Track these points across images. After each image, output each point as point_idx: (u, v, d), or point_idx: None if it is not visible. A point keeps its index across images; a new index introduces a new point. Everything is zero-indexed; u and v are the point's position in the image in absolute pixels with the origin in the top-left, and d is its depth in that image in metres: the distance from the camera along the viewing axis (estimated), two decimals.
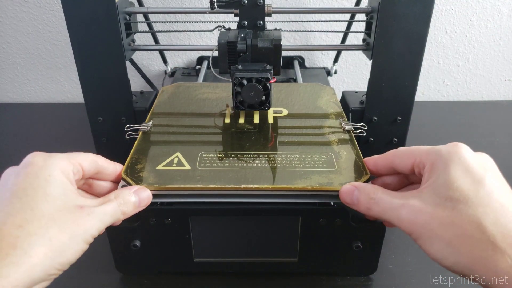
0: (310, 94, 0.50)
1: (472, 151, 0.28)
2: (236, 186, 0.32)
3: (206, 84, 0.55)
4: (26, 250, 0.23)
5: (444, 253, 0.25)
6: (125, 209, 0.29)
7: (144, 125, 0.41)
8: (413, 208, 0.26)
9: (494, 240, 0.23)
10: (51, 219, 0.24)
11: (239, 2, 0.41)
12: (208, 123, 0.43)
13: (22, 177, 0.25)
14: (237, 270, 0.37)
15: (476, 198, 0.25)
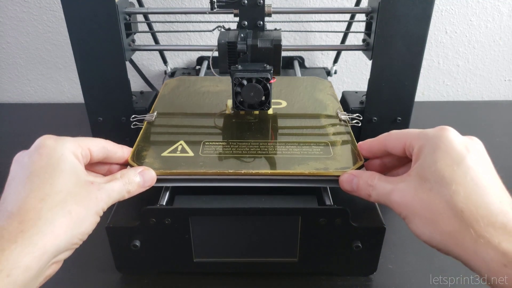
0: (308, 87, 0.51)
1: (459, 134, 0.29)
2: (237, 171, 0.34)
3: (208, 77, 0.56)
4: (50, 220, 0.25)
5: (422, 229, 0.27)
6: (130, 188, 0.31)
7: (149, 116, 0.43)
8: (401, 192, 0.28)
9: (462, 215, 0.25)
10: (68, 194, 0.26)
11: (239, 2, 0.41)
12: (210, 114, 0.44)
13: (37, 157, 0.27)
14: (237, 270, 0.37)
15: (450, 178, 0.26)
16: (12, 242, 0.23)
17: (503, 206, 0.25)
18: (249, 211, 0.34)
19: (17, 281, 0.22)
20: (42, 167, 0.27)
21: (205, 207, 0.34)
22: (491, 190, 0.26)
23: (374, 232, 0.34)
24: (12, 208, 0.25)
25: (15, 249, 0.23)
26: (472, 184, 0.26)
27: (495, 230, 0.24)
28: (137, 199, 0.37)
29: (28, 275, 0.23)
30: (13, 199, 0.25)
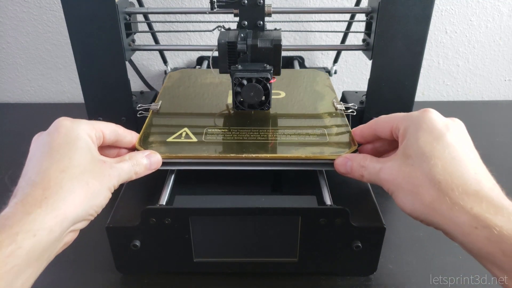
0: (306, 79, 0.54)
1: (441, 115, 0.31)
2: (238, 155, 0.36)
3: (210, 70, 0.57)
4: (71, 190, 0.27)
5: (405, 202, 0.29)
6: (137, 169, 0.33)
7: (154, 105, 0.45)
8: (388, 169, 0.31)
9: (439, 186, 0.27)
10: (85, 168, 0.29)
11: (239, 2, 0.41)
12: (212, 103, 0.47)
13: (56, 135, 0.30)
14: (237, 270, 0.37)
15: (430, 153, 0.28)
16: (37, 206, 0.25)
17: (477, 177, 0.27)
18: (249, 211, 0.34)
19: (41, 241, 0.24)
20: (61, 144, 0.29)
21: (205, 207, 0.34)
22: (467, 163, 0.28)
23: (374, 232, 0.34)
24: (36, 178, 0.27)
25: (40, 213, 0.25)
26: (450, 158, 0.28)
27: (468, 197, 0.26)
28: (137, 199, 0.37)
29: (51, 237, 0.25)
30: (36, 171, 0.27)
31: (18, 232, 0.24)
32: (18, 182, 0.28)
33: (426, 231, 0.42)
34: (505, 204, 0.25)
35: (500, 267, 0.24)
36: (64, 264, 0.38)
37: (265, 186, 0.38)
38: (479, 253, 0.25)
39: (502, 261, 0.24)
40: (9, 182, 0.27)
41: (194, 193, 0.37)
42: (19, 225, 0.24)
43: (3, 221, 0.24)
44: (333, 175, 0.39)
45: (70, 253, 0.38)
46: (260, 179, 0.39)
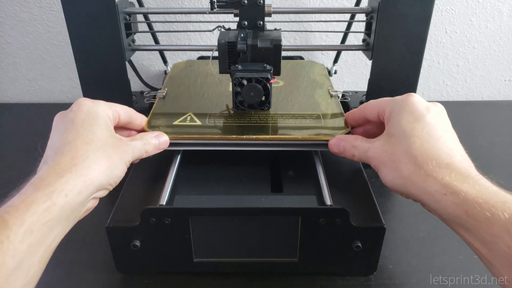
0: (303, 69, 0.57)
1: (423, 100, 0.34)
2: (239, 136, 0.39)
3: (213, 61, 0.57)
4: (95, 160, 0.30)
5: (388, 176, 0.32)
6: (147, 148, 0.36)
7: (160, 92, 0.48)
8: (375, 148, 0.34)
9: (415, 160, 0.30)
10: (106, 142, 0.32)
11: (239, 2, 0.41)
12: (214, 90, 0.49)
13: (78, 113, 0.33)
14: (237, 270, 0.37)
15: (410, 131, 0.31)
16: (68, 172, 0.28)
17: (450, 152, 0.30)
18: (249, 211, 0.34)
19: (72, 201, 0.27)
20: (84, 120, 0.32)
21: (205, 207, 0.34)
22: (443, 140, 0.31)
23: (374, 232, 0.34)
24: (63, 148, 0.30)
25: (71, 177, 0.28)
26: (428, 136, 0.31)
27: (441, 169, 0.29)
28: (137, 199, 0.37)
29: (79, 199, 0.28)
30: (63, 142, 0.30)
31: (53, 191, 0.27)
32: (45, 152, 0.31)
33: (426, 231, 0.42)
34: (472, 174, 0.29)
35: (465, 227, 0.27)
36: (64, 264, 0.38)
37: (265, 186, 0.38)
38: (448, 217, 0.28)
39: (466, 221, 0.27)
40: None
41: (194, 193, 0.37)
42: (54, 185, 0.27)
43: (39, 181, 0.27)
44: (333, 175, 0.39)
45: (70, 253, 0.38)
46: (260, 178, 0.39)
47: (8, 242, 0.23)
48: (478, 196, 0.27)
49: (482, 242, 0.26)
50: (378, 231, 0.34)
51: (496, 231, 0.25)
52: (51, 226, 0.26)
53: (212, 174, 0.40)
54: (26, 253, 0.24)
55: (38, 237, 0.25)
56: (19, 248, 0.24)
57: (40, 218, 0.25)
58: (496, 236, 0.25)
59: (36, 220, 0.25)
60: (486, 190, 0.27)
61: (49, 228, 0.26)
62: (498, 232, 0.25)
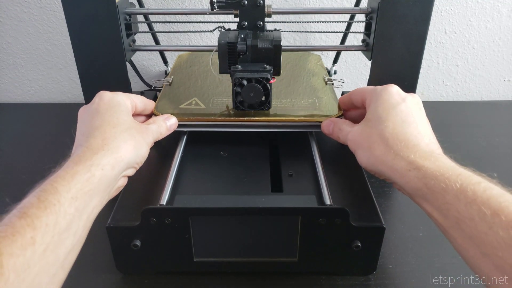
0: (300, 59, 0.60)
1: (401, 90, 0.37)
2: (240, 118, 0.42)
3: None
4: (123, 140, 0.33)
5: (363, 157, 0.35)
6: (161, 130, 0.40)
7: (167, 79, 0.51)
8: (353, 132, 0.37)
9: (387, 142, 0.33)
10: (130, 125, 0.35)
11: (239, 3, 0.41)
12: (217, 78, 0.52)
13: (101, 103, 0.36)
14: (237, 270, 0.37)
15: (385, 117, 0.35)
16: (100, 149, 0.32)
17: (419, 136, 0.33)
18: (249, 211, 0.34)
19: (107, 175, 0.31)
20: (107, 108, 0.35)
21: (205, 207, 0.34)
22: (414, 126, 0.34)
23: (374, 232, 0.34)
24: (94, 132, 0.33)
25: (104, 154, 0.31)
26: (400, 121, 0.34)
27: (408, 149, 0.32)
28: (137, 199, 0.37)
29: (113, 173, 0.32)
30: (91, 128, 0.34)
31: (91, 164, 0.30)
32: (76, 139, 0.34)
33: (426, 231, 0.42)
34: (435, 153, 0.32)
35: (425, 199, 0.30)
36: None
37: (265, 186, 0.38)
38: (411, 190, 0.31)
39: (426, 192, 0.30)
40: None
41: (194, 193, 0.38)
42: (91, 160, 0.30)
43: (78, 158, 0.30)
44: (333, 174, 0.39)
45: None
46: (260, 178, 0.39)
47: (60, 205, 0.27)
48: (436, 170, 0.30)
49: (439, 211, 0.29)
50: (378, 231, 0.34)
51: (449, 199, 0.28)
52: (91, 195, 0.29)
53: (212, 173, 0.40)
54: (74, 216, 0.27)
55: (82, 203, 0.28)
56: (68, 211, 0.27)
57: (82, 187, 0.29)
58: (449, 203, 0.28)
59: (80, 188, 0.28)
60: (444, 166, 0.30)
61: (90, 196, 0.29)
62: (450, 200, 0.28)
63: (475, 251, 0.27)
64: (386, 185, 0.48)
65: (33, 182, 0.28)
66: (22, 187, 0.28)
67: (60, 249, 0.26)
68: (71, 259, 0.28)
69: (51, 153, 0.39)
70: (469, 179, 0.28)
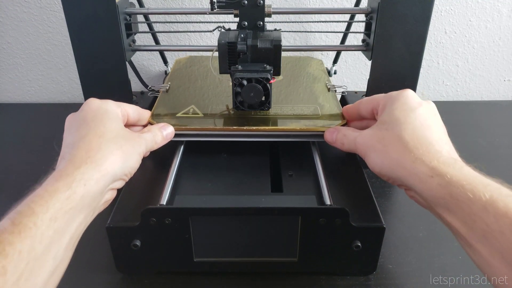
0: (302, 64, 0.58)
1: (417, 95, 0.36)
2: (240, 127, 0.40)
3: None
4: (109, 150, 0.31)
5: (376, 160, 0.33)
6: (157, 139, 0.38)
7: (164, 86, 0.50)
8: (364, 135, 0.35)
9: (406, 145, 0.31)
10: (118, 134, 0.33)
11: (239, 3, 0.41)
12: (216, 84, 0.50)
13: (88, 111, 0.34)
14: (237, 270, 0.37)
15: (403, 119, 0.33)
16: (83, 163, 0.29)
17: (440, 142, 0.32)
18: (249, 211, 0.34)
19: (90, 190, 0.29)
20: (94, 116, 0.33)
21: (205, 207, 0.34)
22: (433, 130, 0.33)
23: (374, 232, 0.34)
24: (78, 143, 0.31)
25: (87, 167, 0.29)
26: (420, 125, 0.33)
27: (429, 154, 0.30)
28: (137, 199, 0.37)
29: (97, 188, 0.29)
30: (76, 138, 0.32)
31: (72, 180, 0.28)
32: (61, 150, 0.32)
33: (426, 231, 0.42)
34: (457, 161, 0.30)
35: (447, 208, 0.28)
36: None
37: (265, 186, 0.38)
38: (431, 198, 0.30)
39: (450, 202, 0.28)
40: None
41: (194, 193, 0.38)
42: (73, 175, 0.28)
43: (59, 173, 0.29)
44: (333, 175, 0.39)
45: None
46: (260, 178, 0.39)
47: (36, 228, 0.25)
48: (462, 179, 0.28)
49: (462, 222, 0.28)
50: (378, 231, 0.34)
51: (476, 211, 0.26)
52: (73, 214, 0.27)
53: (212, 174, 0.40)
54: (53, 239, 0.25)
55: (62, 224, 0.26)
56: (46, 233, 0.25)
57: (63, 206, 0.27)
58: (476, 215, 0.26)
59: (60, 208, 0.26)
60: (469, 174, 0.29)
61: (72, 215, 0.27)
62: (478, 211, 0.26)
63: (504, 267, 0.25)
64: (387, 185, 0.48)
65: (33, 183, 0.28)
66: (22, 187, 0.28)
67: (37, 276, 0.24)
68: (53, 283, 0.26)
69: (51, 153, 0.39)
70: (499, 191, 0.27)
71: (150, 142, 0.37)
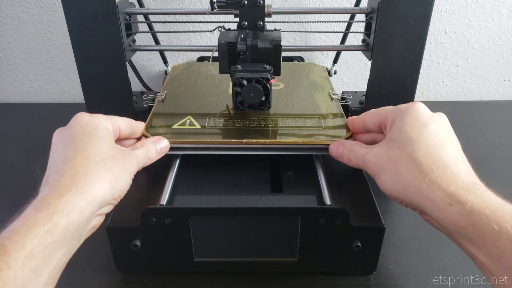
0: (304, 71, 0.56)
1: (427, 108, 0.33)
2: (239, 140, 0.38)
3: (213, 63, 0.57)
4: (96, 174, 0.29)
5: (387, 182, 0.31)
6: (150, 155, 0.36)
7: (160, 94, 0.48)
8: (374, 153, 0.33)
9: (420, 167, 0.29)
10: (107, 155, 0.31)
11: (239, 3, 0.41)
12: (214, 93, 0.49)
13: (76, 128, 0.32)
14: (237, 270, 0.37)
15: (416, 137, 0.31)
16: (68, 190, 0.27)
17: (456, 162, 0.30)
18: (249, 211, 0.34)
19: (74, 220, 0.26)
20: (83, 134, 0.31)
21: (205, 207, 0.34)
22: (448, 149, 0.30)
23: (374, 232, 0.34)
24: (63, 166, 0.29)
25: (72, 195, 0.27)
26: (433, 143, 0.30)
27: (446, 177, 0.28)
28: (137, 199, 0.37)
29: (82, 217, 0.27)
30: (62, 160, 0.29)
31: (54, 211, 0.26)
32: (46, 172, 0.30)
33: (426, 231, 0.42)
34: (479, 186, 0.28)
35: (469, 239, 0.26)
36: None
37: (265, 186, 0.38)
38: (451, 227, 0.27)
39: (471, 233, 0.26)
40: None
41: (194, 193, 0.38)
42: (55, 205, 0.26)
43: (40, 202, 0.26)
44: (333, 175, 0.39)
45: None
46: (260, 178, 0.39)
47: (8, 270, 0.22)
48: (485, 208, 0.26)
49: (487, 255, 0.25)
50: (378, 231, 0.34)
51: (503, 244, 0.24)
52: (54, 248, 0.25)
53: (212, 174, 0.40)
54: (28, 279, 0.23)
55: (41, 261, 0.24)
56: (20, 274, 0.23)
57: (41, 241, 0.24)
58: (503, 249, 0.24)
59: (38, 244, 0.24)
60: (493, 202, 0.26)
61: (52, 250, 0.25)
62: (505, 245, 0.24)
63: None
64: None
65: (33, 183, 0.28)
66: (21, 187, 0.28)
67: None
68: None
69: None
70: None
71: (143, 159, 0.35)
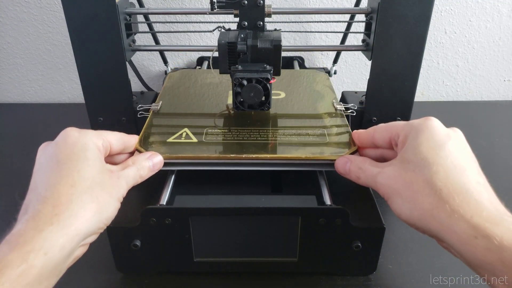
0: (305, 79, 0.54)
1: (442, 124, 0.31)
2: (238, 155, 0.36)
3: (210, 70, 0.57)
4: (81, 205, 0.27)
5: (403, 208, 0.29)
6: (142, 173, 0.33)
7: (154, 105, 0.45)
8: (386, 174, 0.30)
9: (440, 193, 0.27)
10: (94, 181, 0.28)
11: (239, 3, 0.41)
12: (212, 103, 0.47)
13: (62, 146, 0.29)
14: (237, 270, 0.37)
15: (433, 160, 0.28)
16: (48, 224, 0.25)
17: (478, 187, 0.27)
18: (249, 211, 0.34)
19: (53, 259, 0.24)
20: (68, 156, 0.29)
21: (205, 207, 0.34)
22: (469, 172, 0.28)
23: (374, 232, 0.34)
24: (45, 193, 0.27)
25: (52, 230, 0.25)
26: (452, 166, 0.28)
27: (469, 206, 0.26)
28: (137, 199, 0.37)
29: (62, 254, 0.25)
30: (45, 186, 0.27)
31: (30, 250, 0.23)
32: (27, 195, 0.28)
33: None
34: (505, 216, 0.25)
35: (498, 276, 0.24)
36: None
37: (265, 186, 0.38)
38: (477, 262, 0.25)
39: (500, 270, 0.24)
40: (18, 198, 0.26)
41: (194, 193, 0.38)
42: (31, 243, 0.24)
43: (16, 238, 0.24)
44: (333, 175, 0.39)
45: None
46: (260, 179, 0.39)
47: None
48: None
49: None
50: (378, 231, 0.34)
51: None
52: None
53: (212, 174, 0.40)
54: None
55: None
56: None
57: (14, 285, 0.22)
58: None
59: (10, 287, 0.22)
60: None
61: None
62: None
63: None
64: None
65: None
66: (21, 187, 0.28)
67: None
68: None
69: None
70: None
71: (133, 179, 0.32)
